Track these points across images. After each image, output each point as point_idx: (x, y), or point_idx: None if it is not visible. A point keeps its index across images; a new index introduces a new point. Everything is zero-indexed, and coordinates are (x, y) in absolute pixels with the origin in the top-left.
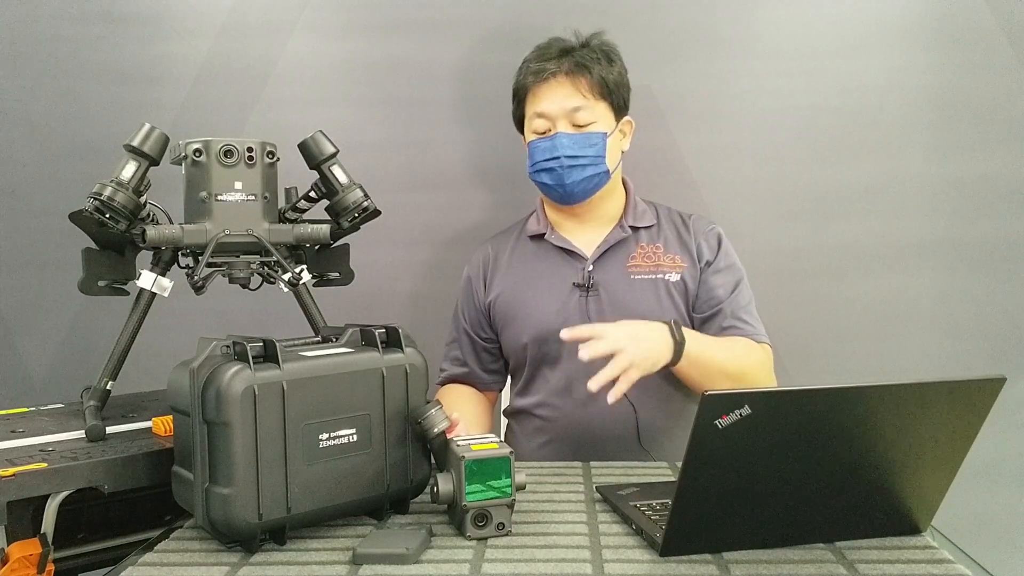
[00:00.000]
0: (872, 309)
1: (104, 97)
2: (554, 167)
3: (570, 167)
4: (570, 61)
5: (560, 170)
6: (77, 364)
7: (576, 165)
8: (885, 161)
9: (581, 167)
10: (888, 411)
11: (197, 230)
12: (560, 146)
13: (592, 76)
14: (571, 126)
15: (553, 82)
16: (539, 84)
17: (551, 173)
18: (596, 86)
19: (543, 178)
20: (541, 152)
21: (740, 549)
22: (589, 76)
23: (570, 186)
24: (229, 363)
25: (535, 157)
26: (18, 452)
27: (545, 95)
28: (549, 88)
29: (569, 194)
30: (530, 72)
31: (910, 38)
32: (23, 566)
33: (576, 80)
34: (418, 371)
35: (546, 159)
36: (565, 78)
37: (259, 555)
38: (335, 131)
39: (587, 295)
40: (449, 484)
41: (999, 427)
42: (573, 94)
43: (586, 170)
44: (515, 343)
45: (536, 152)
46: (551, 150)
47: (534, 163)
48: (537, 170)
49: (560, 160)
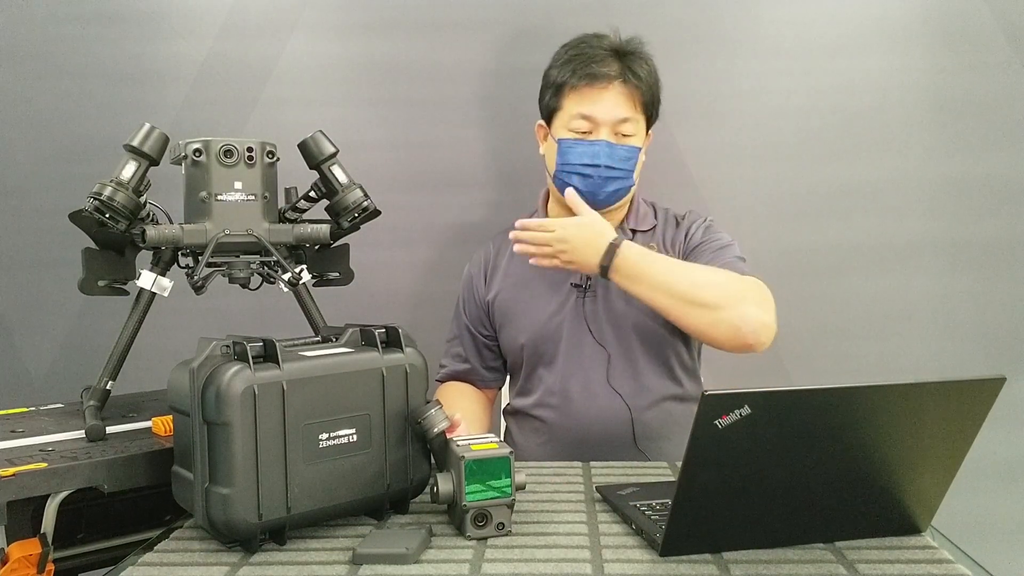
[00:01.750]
0: (872, 309)
1: (104, 97)
2: (591, 175)
3: (607, 177)
4: (623, 67)
5: (597, 179)
6: (77, 364)
7: (612, 176)
8: (885, 161)
9: (615, 179)
10: (888, 411)
11: (197, 230)
12: (601, 154)
13: (644, 91)
14: (614, 135)
15: (610, 89)
16: (592, 86)
17: (585, 179)
18: (644, 101)
19: (574, 181)
20: (578, 155)
21: (740, 549)
22: (642, 90)
23: (603, 196)
24: (229, 363)
25: (569, 158)
26: (18, 452)
27: (596, 97)
28: (602, 91)
29: (597, 203)
30: (583, 72)
31: (910, 38)
32: (23, 566)
33: (631, 91)
34: (418, 371)
35: (584, 163)
36: (622, 85)
37: (259, 555)
38: (335, 131)
39: (584, 296)
40: (449, 484)
41: (999, 427)
42: (625, 104)
43: (618, 182)
44: (513, 343)
45: (571, 153)
46: (591, 156)
47: (567, 163)
48: (569, 172)
49: (600, 169)
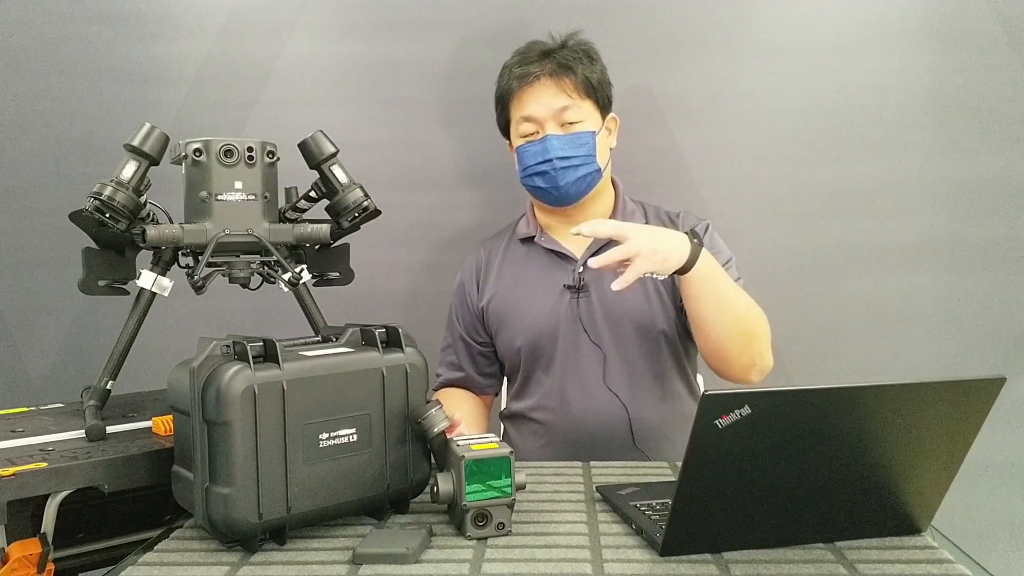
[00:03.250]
0: (872, 309)
1: (104, 97)
2: (547, 170)
3: (563, 168)
4: (552, 62)
5: (553, 172)
6: (77, 364)
7: (569, 166)
8: (885, 161)
9: (574, 167)
10: (888, 411)
11: (197, 230)
12: (551, 148)
13: (576, 76)
14: (559, 127)
15: (538, 85)
16: (524, 88)
17: (544, 176)
18: (581, 85)
19: (536, 182)
20: (532, 156)
21: (740, 549)
22: (573, 76)
23: (564, 187)
24: (229, 363)
25: (526, 162)
26: (18, 452)
27: (531, 98)
28: (534, 91)
29: (563, 196)
30: (514, 77)
31: (910, 38)
32: (23, 566)
33: (560, 81)
34: (418, 371)
35: (538, 162)
36: (549, 79)
37: (259, 555)
38: (335, 131)
39: (578, 296)
40: (449, 484)
41: (999, 427)
42: (559, 94)
43: (579, 170)
44: (509, 346)
45: (526, 156)
46: (542, 153)
47: (525, 167)
48: (529, 174)
49: (552, 162)
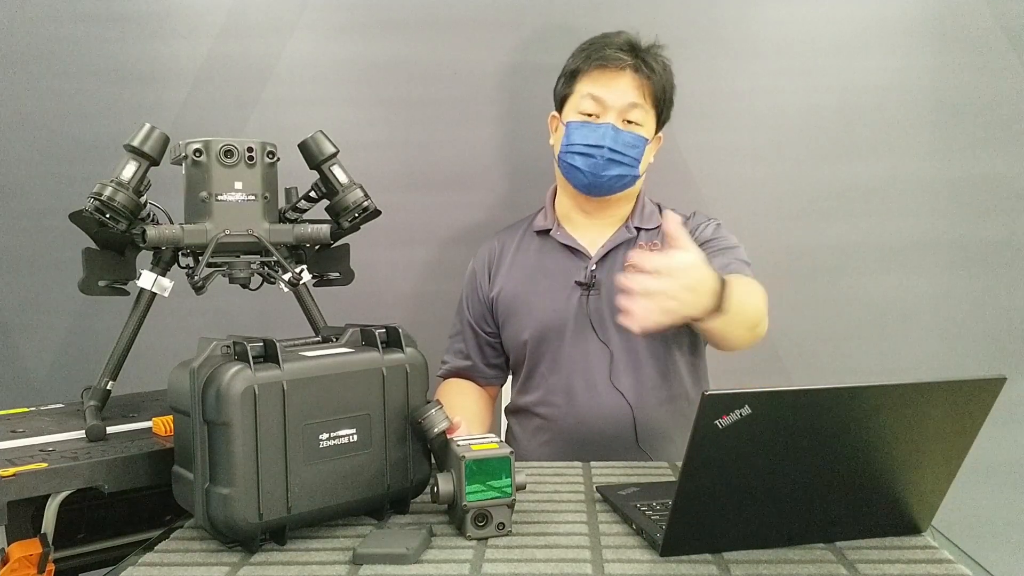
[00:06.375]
0: (872, 309)
1: (104, 97)
2: (594, 155)
3: (609, 160)
4: (638, 59)
5: (600, 160)
6: (77, 364)
7: (615, 160)
8: (885, 161)
9: (619, 163)
10: (888, 411)
11: (197, 230)
12: (606, 136)
13: (655, 82)
14: (621, 121)
15: (620, 72)
16: (604, 69)
17: (587, 159)
18: (656, 92)
19: (576, 161)
20: (583, 135)
21: (740, 549)
22: (653, 81)
23: (604, 178)
24: (229, 363)
25: (574, 139)
26: (18, 452)
27: (608, 82)
28: (614, 77)
29: (597, 185)
30: (597, 56)
31: (910, 38)
32: (23, 566)
33: (642, 79)
34: (418, 371)
35: (588, 144)
36: (634, 73)
37: (259, 555)
38: (335, 131)
39: (588, 293)
40: (449, 484)
41: (999, 427)
42: (634, 90)
43: (622, 168)
44: (516, 339)
45: (576, 133)
46: (597, 137)
47: (571, 143)
48: (572, 152)
49: (603, 150)
